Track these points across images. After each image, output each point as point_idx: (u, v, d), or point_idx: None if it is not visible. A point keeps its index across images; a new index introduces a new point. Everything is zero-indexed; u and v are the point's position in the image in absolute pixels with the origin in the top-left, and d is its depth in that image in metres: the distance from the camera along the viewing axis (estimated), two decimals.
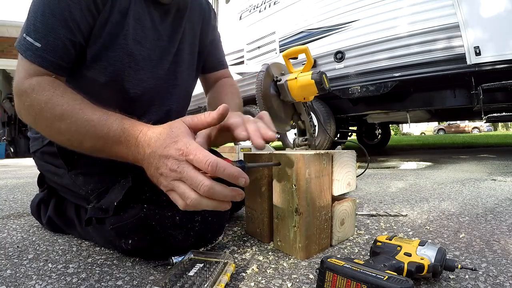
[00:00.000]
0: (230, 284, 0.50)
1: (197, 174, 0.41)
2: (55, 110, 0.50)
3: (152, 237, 0.57)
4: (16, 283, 0.52)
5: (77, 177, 0.66)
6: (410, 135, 24.20)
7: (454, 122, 22.61)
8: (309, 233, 0.60)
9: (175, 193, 0.43)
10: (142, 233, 0.57)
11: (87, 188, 0.65)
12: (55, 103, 0.50)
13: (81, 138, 0.50)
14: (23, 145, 8.81)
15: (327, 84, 0.76)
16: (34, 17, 0.53)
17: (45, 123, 0.52)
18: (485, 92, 2.25)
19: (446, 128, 23.54)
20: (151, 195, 0.58)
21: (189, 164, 0.42)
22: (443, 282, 0.49)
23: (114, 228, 0.57)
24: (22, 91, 0.53)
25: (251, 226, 0.74)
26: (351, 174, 0.72)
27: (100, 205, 0.59)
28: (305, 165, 0.58)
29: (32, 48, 0.53)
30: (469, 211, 0.95)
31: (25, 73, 0.53)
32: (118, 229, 0.57)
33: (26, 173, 2.76)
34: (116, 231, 0.57)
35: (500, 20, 2.21)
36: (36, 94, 0.51)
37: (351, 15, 2.80)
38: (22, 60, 0.54)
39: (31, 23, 0.54)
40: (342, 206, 0.68)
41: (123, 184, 0.59)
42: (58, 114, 0.50)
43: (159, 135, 0.45)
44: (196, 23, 0.80)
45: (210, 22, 0.86)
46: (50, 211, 0.78)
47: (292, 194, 0.60)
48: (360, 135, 5.31)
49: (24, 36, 0.54)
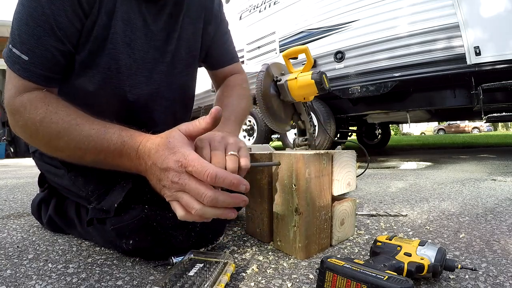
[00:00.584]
0: (230, 284, 0.50)
1: (199, 186, 0.41)
2: (51, 129, 0.49)
3: (153, 238, 0.57)
4: (16, 283, 0.51)
5: (77, 178, 0.66)
6: (410, 135, 24.21)
7: (454, 122, 22.62)
8: (309, 233, 0.60)
9: (178, 204, 0.44)
10: (143, 234, 0.57)
11: (87, 189, 0.64)
12: (49, 121, 0.49)
13: (81, 154, 0.50)
14: (23, 145, 8.79)
15: (327, 84, 0.76)
16: (18, 27, 0.51)
17: (43, 141, 0.52)
18: (485, 92, 2.25)
19: (446, 128, 23.55)
20: (152, 196, 0.57)
21: (190, 175, 0.42)
22: (443, 282, 0.49)
23: (115, 229, 0.57)
24: (15, 110, 0.51)
25: (251, 226, 0.74)
26: (351, 174, 0.72)
27: (101, 206, 0.59)
28: (305, 165, 0.58)
29: (20, 61, 0.51)
30: (469, 211, 0.95)
31: (15, 90, 0.52)
32: (119, 230, 0.57)
33: (26, 173, 2.76)
34: (117, 232, 0.57)
35: (500, 20, 2.21)
36: (29, 114, 0.50)
37: (351, 15, 2.80)
38: (11, 74, 0.52)
39: (16, 34, 0.51)
40: (342, 206, 0.68)
41: (124, 185, 0.59)
42: (55, 133, 0.49)
43: (158, 147, 0.44)
44: (196, 17, 0.73)
45: (213, 13, 0.78)
46: (50, 210, 0.77)
47: (292, 194, 0.60)
48: (360, 135, 5.31)
49: (10, 48, 0.51)
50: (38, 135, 0.51)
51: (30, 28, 0.50)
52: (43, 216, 0.81)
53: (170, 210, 0.55)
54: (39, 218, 0.84)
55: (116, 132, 0.49)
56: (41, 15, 0.50)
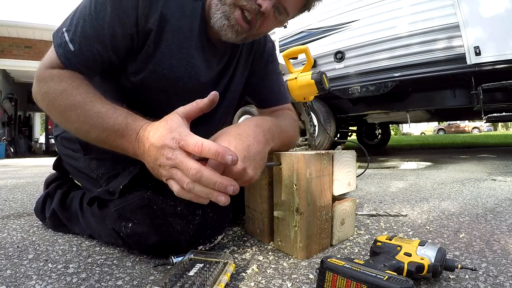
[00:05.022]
0: (230, 284, 0.50)
1: (187, 159, 0.43)
2: (68, 100, 0.53)
3: (152, 222, 0.59)
4: (16, 283, 0.51)
5: (91, 161, 0.71)
6: (410, 135, 24.20)
7: (454, 122, 22.60)
8: (310, 233, 0.60)
9: (173, 181, 0.45)
10: (142, 216, 0.59)
11: (99, 172, 0.69)
12: (69, 93, 0.53)
13: (87, 128, 0.53)
14: (23, 145, 8.81)
15: (327, 84, 0.76)
16: (78, 18, 0.55)
17: (58, 110, 0.55)
18: (485, 92, 2.25)
19: (446, 128, 23.54)
20: (157, 184, 0.60)
21: (182, 150, 0.43)
22: (443, 282, 0.49)
23: (118, 210, 0.60)
24: (42, 77, 0.56)
25: (251, 226, 0.74)
26: (351, 174, 0.72)
27: (107, 188, 0.63)
28: (306, 165, 0.58)
29: (66, 48, 0.55)
30: (469, 211, 0.95)
31: (49, 64, 0.56)
32: (121, 210, 0.60)
33: (26, 173, 2.76)
34: (119, 213, 0.60)
35: (500, 20, 2.21)
36: (54, 83, 0.54)
37: (351, 15, 2.81)
38: (52, 51, 0.56)
39: (74, 22, 0.55)
40: (342, 205, 0.68)
41: (131, 170, 0.62)
42: (70, 104, 0.53)
43: (156, 129, 0.47)
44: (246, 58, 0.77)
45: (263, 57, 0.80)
46: (54, 204, 0.80)
47: (292, 194, 0.60)
48: (360, 135, 5.31)
49: (63, 30, 0.55)
50: (54, 104, 0.54)
51: (87, 26, 0.55)
52: (46, 210, 0.83)
53: (172, 199, 0.58)
54: (42, 213, 0.85)
55: (123, 114, 0.52)
56: (102, 20, 0.55)
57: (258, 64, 0.79)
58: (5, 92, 8.38)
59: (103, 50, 0.57)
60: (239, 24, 0.59)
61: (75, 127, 0.55)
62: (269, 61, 0.81)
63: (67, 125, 0.57)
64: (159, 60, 0.62)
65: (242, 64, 0.76)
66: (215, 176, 0.42)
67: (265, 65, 0.80)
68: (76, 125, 0.54)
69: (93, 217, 0.68)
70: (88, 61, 0.57)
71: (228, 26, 0.59)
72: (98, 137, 0.53)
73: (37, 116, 13.63)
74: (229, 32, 0.60)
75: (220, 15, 0.59)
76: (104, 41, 0.56)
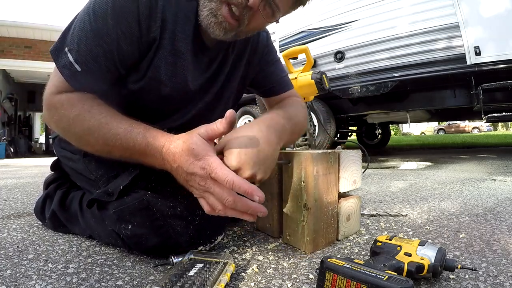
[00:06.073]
0: (230, 284, 0.50)
1: (222, 191, 0.47)
2: (83, 125, 0.53)
3: (151, 224, 0.58)
4: (16, 283, 0.51)
5: (90, 163, 0.70)
6: (410, 135, 24.20)
7: (454, 122, 22.59)
8: (317, 227, 0.63)
9: (205, 201, 0.50)
10: (142, 218, 0.58)
11: (98, 173, 0.68)
12: (82, 118, 0.53)
13: (109, 150, 0.54)
14: (23, 145, 8.82)
15: (327, 84, 0.76)
16: (80, 36, 0.52)
17: (75, 136, 0.56)
18: (485, 92, 2.25)
19: (446, 128, 23.53)
20: (156, 185, 0.60)
21: (214, 180, 0.47)
22: (443, 282, 0.49)
23: (117, 212, 0.59)
24: (52, 106, 0.55)
25: (261, 221, 0.77)
26: (357, 172, 0.74)
27: (106, 189, 0.62)
28: (313, 163, 0.61)
29: (72, 69, 0.53)
30: (469, 211, 0.95)
31: (56, 89, 0.55)
32: (120, 212, 0.59)
33: (26, 173, 2.76)
34: (118, 215, 0.60)
35: (500, 20, 2.21)
36: (65, 110, 0.54)
37: (351, 15, 2.81)
38: (57, 73, 0.54)
39: (75, 40, 0.53)
40: (348, 202, 0.71)
41: (131, 171, 0.62)
42: (86, 129, 0.53)
43: (182, 152, 0.48)
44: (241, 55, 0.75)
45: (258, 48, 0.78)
46: (54, 204, 0.79)
47: (300, 191, 0.63)
48: (360, 135, 5.31)
49: (65, 51, 0.53)
50: (70, 130, 0.55)
51: (90, 44, 0.53)
52: (46, 211, 0.82)
53: (172, 200, 0.58)
54: (42, 214, 0.85)
55: (141, 132, 0.52)
56: (106, 36, 0.53)
57: (254, 57, 0.78)
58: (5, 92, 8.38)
59: (111, 65, 0.56)
60: (227, 21, 0.56)
61: (96, 149, 0.56)
62: (265, 53, 0.80)
63: (88, 148, 0.57)
64: (157, 66, 0.61)
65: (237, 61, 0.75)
66: (246, 206, 0.48)
67: (261, 57, 0.79)
68: (97, 148, 0.55)
69: (92, 218, 0.68)
70: (98, 79, 0.56)
71: (215, 23, 0.57)
72: (122, 156, 0.54)
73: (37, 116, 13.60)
74: (216, 29, 0.57)
75: (207, 12, 0.57)
76: (112, 58, 0.55)
